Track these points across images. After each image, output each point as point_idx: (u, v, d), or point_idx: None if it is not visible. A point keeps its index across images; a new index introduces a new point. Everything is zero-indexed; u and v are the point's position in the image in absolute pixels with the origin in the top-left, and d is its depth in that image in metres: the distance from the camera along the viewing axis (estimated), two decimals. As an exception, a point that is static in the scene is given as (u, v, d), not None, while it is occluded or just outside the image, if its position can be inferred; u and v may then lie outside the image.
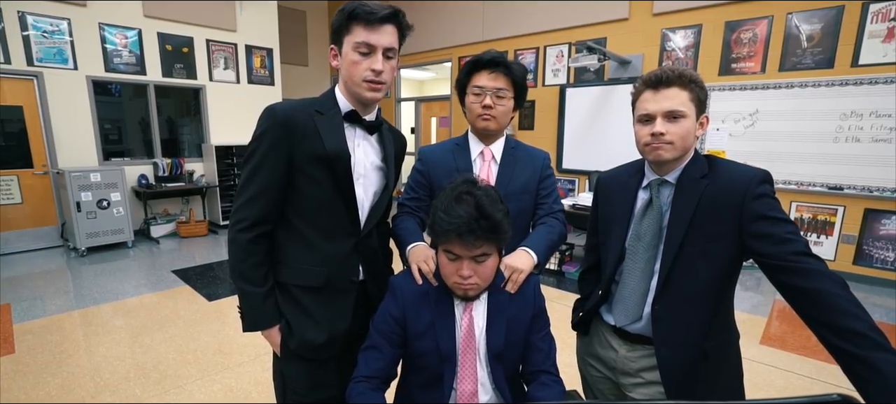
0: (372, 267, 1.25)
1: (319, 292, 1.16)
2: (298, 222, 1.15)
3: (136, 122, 5.70)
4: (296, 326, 1.15)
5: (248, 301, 1.13)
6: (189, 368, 2.51)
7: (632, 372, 1.15)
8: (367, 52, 1.07)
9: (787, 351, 2.78)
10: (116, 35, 5.17)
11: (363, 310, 1.25)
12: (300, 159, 1.10)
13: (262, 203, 1.10)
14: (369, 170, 1.20)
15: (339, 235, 1.16)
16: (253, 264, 1.11)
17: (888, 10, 3.65)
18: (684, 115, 1.01)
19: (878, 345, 0.74)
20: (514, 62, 1.35)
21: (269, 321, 1.15)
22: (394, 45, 1.10)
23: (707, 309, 1.04)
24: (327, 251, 1.15)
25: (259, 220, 1.10)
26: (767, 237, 0.93)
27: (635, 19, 5.07)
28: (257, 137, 1.09)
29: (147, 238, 5.45)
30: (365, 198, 1.20)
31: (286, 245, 1.16)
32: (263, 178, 1.09)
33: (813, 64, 4.03)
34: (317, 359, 1.18)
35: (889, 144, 3.74)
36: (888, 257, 3.91)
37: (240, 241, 1.10)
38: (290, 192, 1.13)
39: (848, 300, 0.81)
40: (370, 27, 1.05)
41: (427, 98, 8.35)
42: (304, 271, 1.15)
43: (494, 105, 1.33)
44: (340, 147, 1.11)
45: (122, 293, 3.68)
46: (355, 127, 1.17)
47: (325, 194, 1.13)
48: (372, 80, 1.08)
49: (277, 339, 1.17)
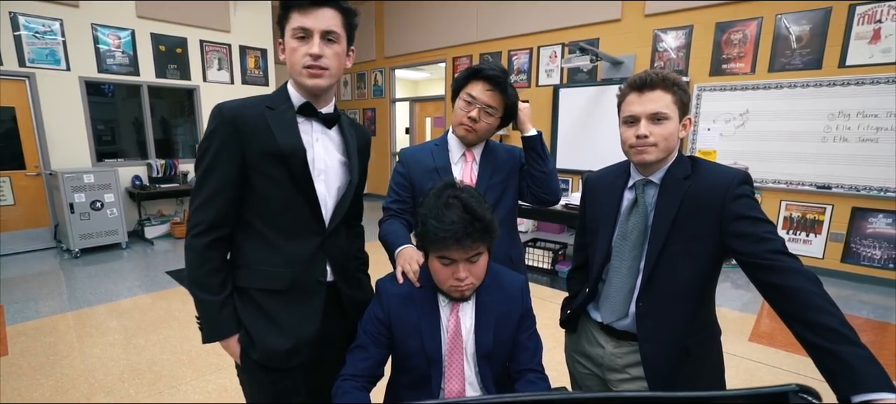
0: (341, 267, 1.20)
1: (284, 295, 1.10)
2: (258, 223, 1.10)
3: (130, 123, 5.69)
4: (257, 335, 1.09)
5: (205, 310, 1.08)
6: (183, 369, 2.52)
7: (618, 368, 1.18)
8: (304, 36, 1.02)
9: (776, 347, 2.83)
10: (109, 36, 5.15)
11: (335, 314, 1.20)
12: (253, 157, 1.05)
13: (217, 205, 1.06)
14: (331, 165, 1.15)
15: (303, 234, 1.12)
16: (208, 271, 1.07)
17: (874, 12, 3.72)
18: (668, 117, 1.04)
19: (846, 340, 0.78)
20: (511, 85, 1.38)
21: (226, 331, 1.09)
22: (334, 28, 1.04)
23: (689, 306, 1.07)
24: (290, 251, 1.10)
25: (215, 224, 1.06)
26: (746, 236, 0.96)
27: (627, 20, 5.12)
28: (206, 137, 1.05)
29: (141, 239, 5.43)
30: (328, 195, 1.15)
31: (246, 247, 1.12)
32: (216, 180, 1.05)
33: (802, 65, 4.09)
34: (282, 369, 1.12)
35: (875, 144, 3.80)
36: (875, 255, 3.97)
37: (195, 247, 1.06)
38: (248, 193, 1.09)
39: (820, 296, 0.84)
40: (304, 11, 1.01)
41: (421, 98, 8.37)
42: (266, 273, 1.10)
43: (479, 119, 1.36)
44: (294, 142, 1.07)
45: (115, 294, 3.68)
46: (311, 121, 1.12)
47: (284, 193, 1.08)
48: (310, 65, 1.03)
49: (237, 350, 1.11)
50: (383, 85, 8.19)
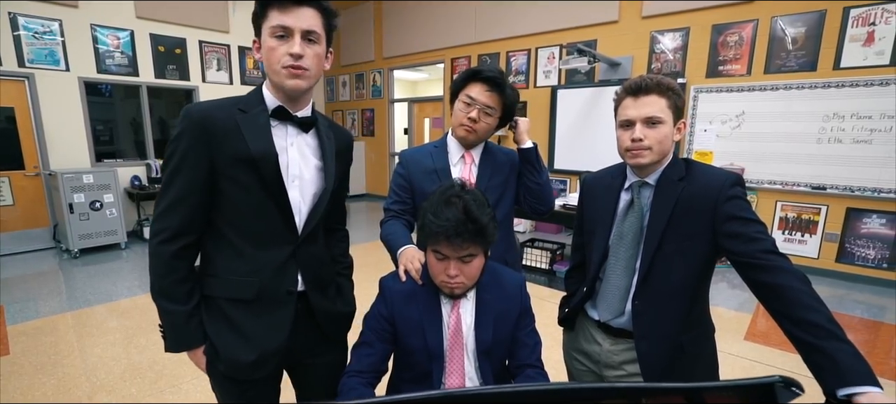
0: (314, 275, 1.15)
1: (250, 305, 1.06)
2: (227, 230, 1.06)
3: (128, 123, 5.69)
4: (221, 347, 1.06)
5: (170, 319, 1.04)
6: (184, 368, 2.54)
7: (615, 364, 1.21)
8: (284, 35, 0.97)
9: (771, 346, 2.87)
10: (109, 36, 5.16)
11: (306, 325, 1.16)
12: (222, 162, 1.00)
13: (184, 210, 1.01)
14: (305, 171, 1.10)
15: (274, 243, 1.07)
16: (175, 280, 1.03)
17: (868, 14, 3.76)
18: (662, 121, 1.07)
19: (832, 335, 0.81)
20: (509, 86, 1.40)
21: (192, 342, 1.06)
22: (315, 28, 0.99)
23: (684, 304, 1.10)
24: (260, 260, 1.06)
25: (181, 231, 1.02)
26: (738, 236, 0.99)
27: (625, 22, 5.16)
28: (174, 140, 1.01)
29: (140, 239, 5.44)
30: (302, 202, 1.10)
31: (214, 255, 1.08)
32: (183, 184, 1.00)
33: (797, 66, 4.13)
34: (250, 380, 1.09)
35: (869, 145, 3.84)
36: (869, 255, 4.02)
37: (161, 255, 1.01)
38: (217, 199, 1.04)
39: (808, 294, 0.87)
40: (284, 9, 0.96)
41: (420, 99, 8.40)
42: (233, 283, 1.06)
43: (479, 120, 1.38)
44: (266, 147, 1.02)
45: (115, 294, 3.69)
46: (286, 124, 1.07)
47: (254, 199, 1.04)
48: (291, 65, 0.98)
49: (202, 361, 1.09)
50: (382, 85, 8.21)
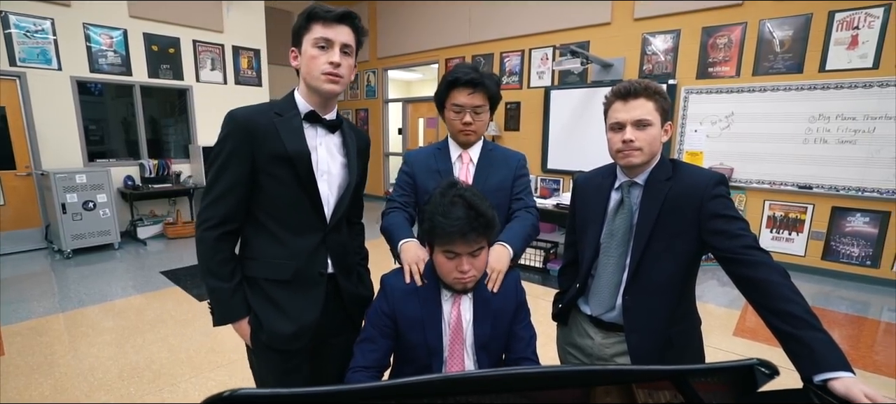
0: (341, 260, 1.30)
1: (288, 285, 1.21)
2: (266, 219, 1.21)
3: (119, 122, 5.66)
4: (265, 319, 1.20)
5: (217, 295, 1.18)
6: (182, 367, 2.56)
7: (606, 357, 1.25)
8: (325, 46, 1.14)
9: (759, 342, 2.94)
10: (101, 35, 5.14)
11: (334, 304, 1.31)
12: (262, 160, 1.15)
13: (228, 202, 1.16)
14: (333, 167, 1.26)
15: (306, 230, 1.22)
16: (220, 260, 1.17)
17: (852, 18, 3.86)
18: (651, 123, 1.12)
19: (810, 325, 0.86)
20: (487, 76, 1.43)
21: (237, 314, 1.20)
22: (350, 42, 1.17)
23: (671, 298, 1.15)
24: (295, 245, 1.21)
25: (225, 219, 1.16)
26: (722, 233, 1.04)
27: (617, 24, 5.23)
28: (220, 141, 1.16)
29: (134, 239, 5.43)
30: (330, 194, 1.25)
31: (255, 241, 1.23)
32: (228, 179, 1.15)
33: (784, 69, 4.22)
34: (288, 350, 1.23)
35: (854, 146, 3.94)
36: (853, 252, 4.12)
37: (206, 240, 1.16)
38: (257, 192, 1.19)
39: (788, 287, 0.92)
40: (328, 25, 1.13)
41: (414, 99, 8.42)
42: (272, 265, 1.21)
43: (474, 121, 1.44)
44: (300, 147, 1.17)
45: (110, 295, 3.69)
46: (316, 127, 1.23)
47: (290, 192, 1.19)
48: (330, 72, 1.14)
49: (247, 331, 1.23)
50: (376, 85, 8.23)
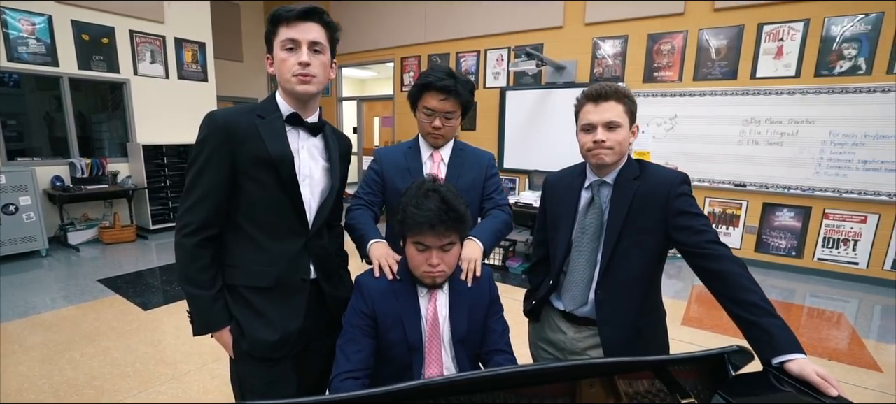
0: (323, 265, 1.28)
1: (270, 292, 1.18)
2: (246, 224, 1.17)
3: (41, 118, 5.15)
4: (247, 327, 1.16)
5: (197, 304, 1.14)
6: (128, 381, 2.38)
7: (579, 350, 1.30)
8: (292, 47, 1.11)
9: (704, 330, 3.16)
10: (21, 21, 4.66)
11: (317, 309, 1.28)
12: (243, 163, 1.12)
13: (207, 207, 1.12)
14: (315, 171, 1.23)
15: (288, 235, 1.19)
16: (199, 267, 1.13)
17: (777, 30, 4.22)
18: (620, 125, 1.17)
19: (767, 313, 0.94)
20: (461, 81, 1.44)
21: (219, 323, 1.16)
22: (319, 39, 1.13)
23: (641, 292, 1.21)
24: (276, 251, 1.18)
25: (204, 224, 1.12)
26: (687, 229, 1.11)
27: (569, 27, 5.42)
28: (199, 143, 1.11)
29: (64, 245, 4.97)
30: (312, 199, 1.23)
31: (234, 247, 1.18)
32: (207, 183, 1.11)
33: (720, 75, 4.55)
34: (271, 359, 1.19)
35: (780, 147, 4.33)
36: (781, 244, 4.52)
37: (185, 246, 1.12)
38: (237, 196, 1.15)
39: (746, 278, 1.00)
40: (292, 25, 1.10)
41: (369, 97, 8.31)
42: (253, 272, 1.17)
43: (443, 125, 1.46)
44: (283, 150, 1.14)
45: (37, 306, 3.36)
46: (298, 129, 1.20)
47: (271, 196, 1.16)
48: (299, 73, 1.11)
49: (229, 340, 1.19)
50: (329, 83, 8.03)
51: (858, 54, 3.94)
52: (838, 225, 4.22)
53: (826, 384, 0.80)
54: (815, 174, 4.21)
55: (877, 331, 3.24)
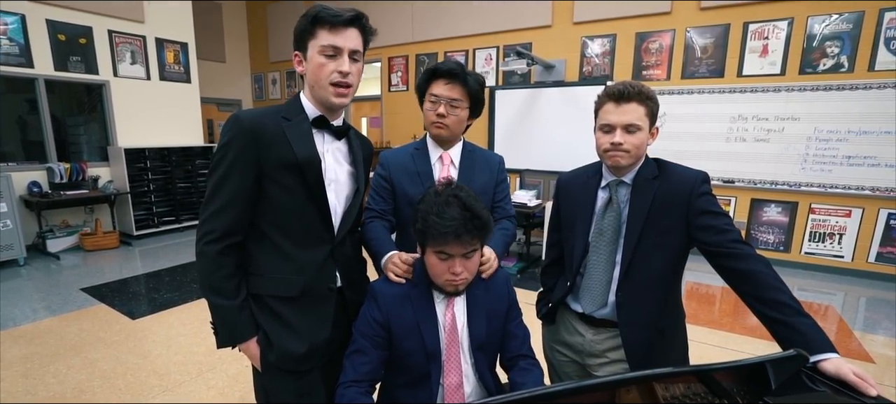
0: (349, 273, 1.25)
1: (296, 301, 1.13)
2: (271, 231, 1.12)
3: (13, 121, 4.93)
4: (275, 337, 1.11)
5: (221, 314, 1.09)
6: (120, 395, 2.29)
7: (598, 353, 1.28)
8: (333, 55, 1.07)
9: (699, 325, 3.19)
10: (-7, 21, 4.47)
11: (342, 318, 1.24)
12: (269, 167, 1.07)
13: (231, 214, 1.07)
14: (340, 175, 1.20)
15: (314, 242, 1.15)
16: (223, 276, 1.08)
17: (762, 29, 4.31)
18: (640, 128, 1.15)
19: (797, 312, 0.93)
20: (471, 73, 1.41)
21: (245, 334, 1.11)
22: (359, 47, 1.10)
23: (662, 292, 1.20)
24: (302, 259, 1.13)
25: (228, 232, 1.07)
26: (710, 229, 1.10)
27: (557, 27, 5.43)
28: (223, 147, 1.06)
29: (43, 253, 4.78)
30: (337, 204, 1.19)
31: (259, 255, 1.13)
32: (231, 188, 1.06)
33: (708, 73, 4.62)
34: (298, 371, 1.15)
35: (767, 144, 4.41)
36: (769, 239, 4.61)
37: (208, 254, 1.06)
38: (261, 201, 1.10)
39: (773, 277, 0.99)
40: (335, 30, 1.05)
41: (356, 98, 8.20)
42: (279, 281, 1.12)
43: (447, 114, 1.39)
44: (310, 153, 1.10)
45: (16, 318, 3.22)
46: (324, 132, 1.17)
47: (298, 201, 1.11)
48: (339, 82, 1.08)
49: (256, 352, 1.13)
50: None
51: (841, 52, 4.03)
52: (824, 219, 4.33)
53: (864, 384, 0.80)
54: (801, 170, 4.30)
55: (863, 323, 3.32)
